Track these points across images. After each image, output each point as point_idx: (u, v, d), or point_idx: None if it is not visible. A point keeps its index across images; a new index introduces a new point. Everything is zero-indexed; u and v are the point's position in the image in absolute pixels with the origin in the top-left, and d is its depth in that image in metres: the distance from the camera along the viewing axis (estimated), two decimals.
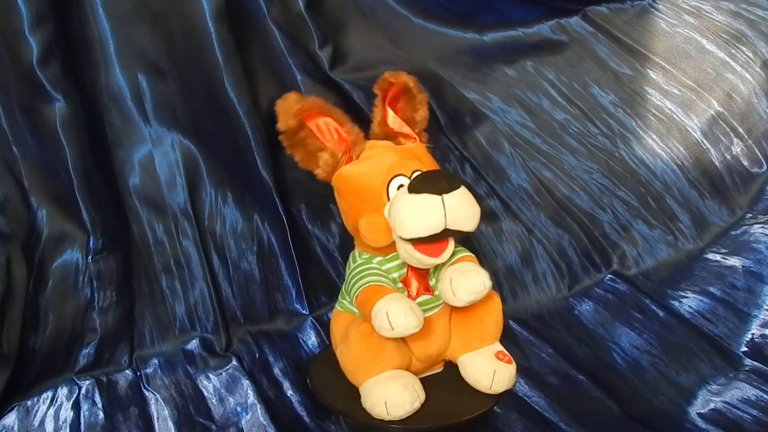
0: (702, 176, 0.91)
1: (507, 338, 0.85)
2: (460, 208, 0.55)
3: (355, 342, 0.60)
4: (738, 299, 0.82)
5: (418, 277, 0.62)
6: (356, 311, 0.64)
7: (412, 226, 0.55)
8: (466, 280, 0.58)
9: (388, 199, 0.58)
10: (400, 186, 0.59)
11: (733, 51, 0.89)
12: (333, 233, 0.93)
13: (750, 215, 0.89)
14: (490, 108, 0.93)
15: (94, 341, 0.80)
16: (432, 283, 0.63)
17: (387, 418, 0.57)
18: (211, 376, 0.81)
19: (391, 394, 0.57)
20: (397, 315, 0.54)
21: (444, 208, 0.54)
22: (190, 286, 0.87)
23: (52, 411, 0.75)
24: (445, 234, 0.55)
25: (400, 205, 0.56)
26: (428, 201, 0.54)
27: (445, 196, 0.54)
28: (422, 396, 0.60)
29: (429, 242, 0.56)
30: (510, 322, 0.87)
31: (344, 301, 0.66)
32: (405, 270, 0.62)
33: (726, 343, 0.79)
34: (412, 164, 0.60)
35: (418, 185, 0.55)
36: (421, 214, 0.54)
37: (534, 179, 0.92)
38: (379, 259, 0.62)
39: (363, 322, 0.60)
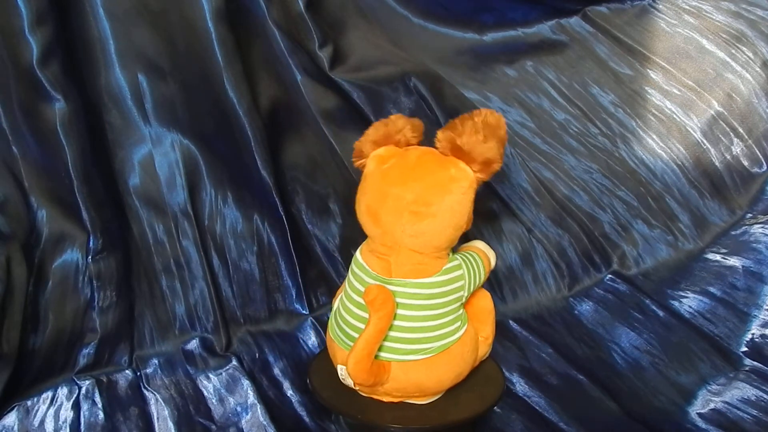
0: (702, 176, 0.91)
1: (507, 338, 0.85)
2: None
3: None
4: (738, 299, 0.82)
5: None
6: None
7: None
8: None
9: None
10: None
11: (733, 51, 0.89)
12: (333, 233, 0.93)
13: (750, 215, 0.89)
14: (490, 108, 0.93)
15: (94, 341, 0.80)
16: None
17: None
18: (211, 376, 0.81)
19: None
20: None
21: None
22: (190, 286, 0.87)
23: (52, 411, 0.75)
24: None
25: None
26: None
27: None
28: None
29: None
30: (510, 322, 0.88)
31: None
32: None
33: (726, 343, 0.79)
34: None
35: None
36: None
37: (534, 179, 0.92)
38: None
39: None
